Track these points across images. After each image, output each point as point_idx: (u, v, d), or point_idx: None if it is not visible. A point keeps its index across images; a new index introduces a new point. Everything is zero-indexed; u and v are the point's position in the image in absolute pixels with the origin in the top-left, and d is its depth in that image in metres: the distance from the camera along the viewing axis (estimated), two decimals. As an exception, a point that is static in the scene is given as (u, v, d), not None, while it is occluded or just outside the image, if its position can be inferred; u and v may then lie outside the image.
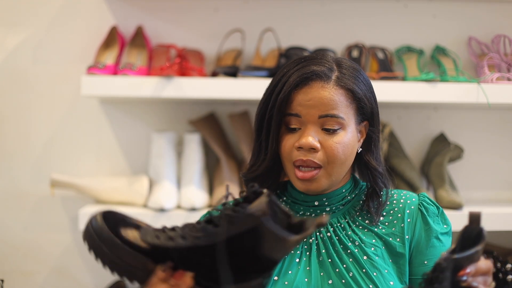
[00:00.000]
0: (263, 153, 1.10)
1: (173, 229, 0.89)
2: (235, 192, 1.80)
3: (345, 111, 1.06)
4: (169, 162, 1.86)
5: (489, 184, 2.06)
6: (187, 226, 0.88)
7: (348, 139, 1.07)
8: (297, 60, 1.11)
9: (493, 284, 0.87)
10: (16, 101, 1.94)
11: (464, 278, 0.82)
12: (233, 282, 0.83)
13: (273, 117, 1.07)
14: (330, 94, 1.05)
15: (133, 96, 1.71)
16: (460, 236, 0.84)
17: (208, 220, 0.87)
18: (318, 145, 1.04)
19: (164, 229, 0.89)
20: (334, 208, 1.12)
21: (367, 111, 1.11)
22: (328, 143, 1.05)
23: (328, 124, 1.05)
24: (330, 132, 1.06)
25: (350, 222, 1.11)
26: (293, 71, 1.08)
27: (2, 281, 1.43)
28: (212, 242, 0.83)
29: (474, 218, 0.84)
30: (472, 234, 0.84)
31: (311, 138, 1.04)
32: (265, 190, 0.85)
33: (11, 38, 1.94)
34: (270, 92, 1.10)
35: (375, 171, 1.12)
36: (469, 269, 0.82)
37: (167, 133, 1.87)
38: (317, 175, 1.05)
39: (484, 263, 0.85)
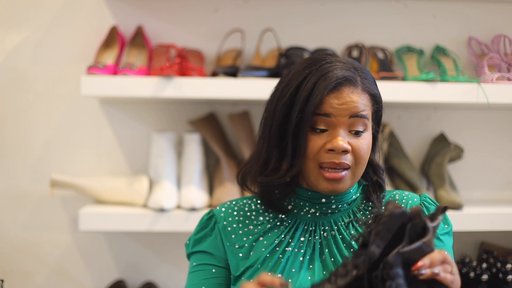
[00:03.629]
0: (291, 157, 1.07)
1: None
2: (235, 191, 1.80)
3: (369, 114, 1.09)
4: (169, 162, 1.86)
5: (489, 184, 2.06)
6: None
7: (369, 140, 1.09)
8: (315, 61, 1.09)
9: (455, 270, 0.87)
10: (15, 101, 1.94)
11: (422, 271, 0.83)
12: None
13: (305, 120, 1.05)
14: (360, 99, 1.07)
15: (133, 96, 1.71)
16: (406, 232, 0.84)
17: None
18: (349, 147, 1.05)
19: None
20: (340, 206, 1.12)
21: (380, 114, 1.14)
22: (356, 145, 1.06)
23: (356, 126, 1.06)
24: (358, 134, 1.07)
25: (353, 221, 1.12)
26: (319, 74, 1.06)
27: (2, 281, 1.43)
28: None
29: (416, 214, 0.85)
30: (418, 229, 0.85)
31: (343, 141, 1.04)
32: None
33: (11, 38, 1.94)
34: (292, 94, 1.07)
35: (378, 167, 1.16)
36: (423, 262, 0.83)
37: (167, 133, 1.87)
38: (345, 176, 1.06)
39: (438, 253, 0.85)
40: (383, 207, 1.12)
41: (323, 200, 1.12)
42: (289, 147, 1.07)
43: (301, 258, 1.08)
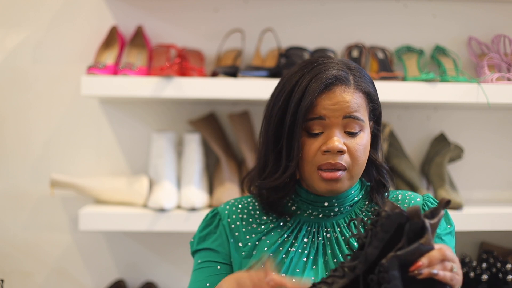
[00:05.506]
0: (285, 160, 1.09)
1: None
2: (235, 191, 1.80)
3: (364, 114, 1.09)
4: (169, 162, 1.86)
5: (489, 184, 2.06)
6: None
7: (366, 140, 1.09)
8: (307, 64, 1.11)
9: (456, 265, 0.87)
10: (16, 101, 1.94)
11: (422, 271, 0.82)
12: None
13: (297, 123, 1.06)
14: (353, 97, 1.07)
15: (133, 96, 1.71)
16: (405, 233, 0.84)
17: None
18: (345, 148, 1.06)
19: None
20: (342, 209, 1.13)
21: (377, 111, 1.14)
22: (352, 145, 1.07)
23: (351, 126, 1.07)
24: (353, 134, 1.07)
25: (352, 220, 1.12)
26: (311, 76, 1.07)
27: (2, 281, 1.43)
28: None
29: (414, 214, 0.85)
30: (417, 228, 0.85)
31: (338, 141, 1.05)
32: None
33: (11, 38, 1.94)
34: (286, 98, 1.09)
35: (381, 167, 1.16)
36: (421, 262, 0.83)
37: (167, 133, 1.87)
38: (341, 175, 1.06)
39: (437, 252, 0.84)
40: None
41: (326, 203, 1.12)
42: (284, 150, 1.09)
43: (305, 259, 1.09)
